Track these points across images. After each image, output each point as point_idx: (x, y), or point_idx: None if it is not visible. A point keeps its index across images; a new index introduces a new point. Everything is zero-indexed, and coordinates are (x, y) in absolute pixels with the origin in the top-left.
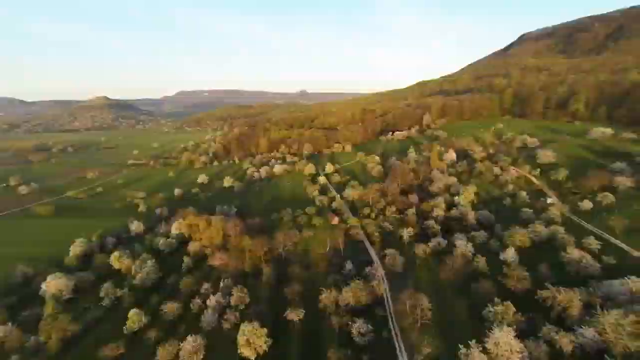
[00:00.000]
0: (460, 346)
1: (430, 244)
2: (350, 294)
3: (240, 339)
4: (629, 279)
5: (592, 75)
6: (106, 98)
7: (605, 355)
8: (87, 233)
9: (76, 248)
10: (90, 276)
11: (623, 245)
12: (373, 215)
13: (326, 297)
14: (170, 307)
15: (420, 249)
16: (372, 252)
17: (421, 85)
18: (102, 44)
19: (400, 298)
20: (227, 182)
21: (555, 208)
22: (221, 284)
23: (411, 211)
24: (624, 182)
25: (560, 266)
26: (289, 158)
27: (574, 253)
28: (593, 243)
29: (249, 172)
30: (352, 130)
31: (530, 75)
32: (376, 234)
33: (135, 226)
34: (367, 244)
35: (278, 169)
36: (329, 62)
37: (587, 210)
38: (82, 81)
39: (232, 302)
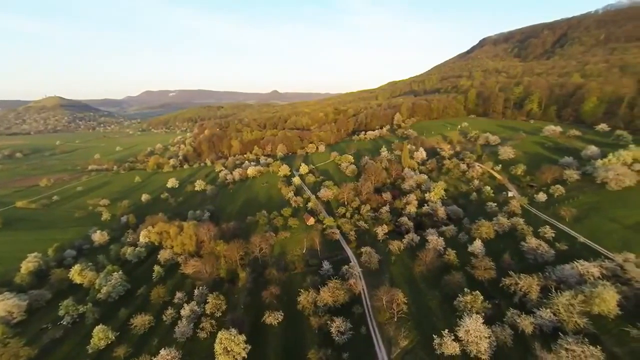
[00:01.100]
0: (435, 336)
1: (404, 240)
2: (329, 294)
3: (218, 348)
4: (577, 262)
5: (543, 78)
6: (60, 98)
7: (560, 333)
8: (42, 247)
9: (29, 264)
10: (46, 294)
11: (572, 232)
12: (348, 214)
13: (304, 298)
14: (141, 320)
15: (395, 246)
16: (349, 251)
17: (391, 85)
18: (55, 39)
19: (377, 294)
20: (199, 185)
21: (515, 201)
22: (196, 292)
23: (385, 209)
24: (572, 175)
25: (521, 254)
26: (262, 159)
27: (532, 242)
28: (548, 232)
29: (221, 174)
30: (326, 131)
31: (491, 76)
32: (352, 232)
33: (98, 236)
34: (344, 243)
35: (252, 170)
36: (301, 62)
37: (542, 202)
38: (30, 80)
39: (208, 310)
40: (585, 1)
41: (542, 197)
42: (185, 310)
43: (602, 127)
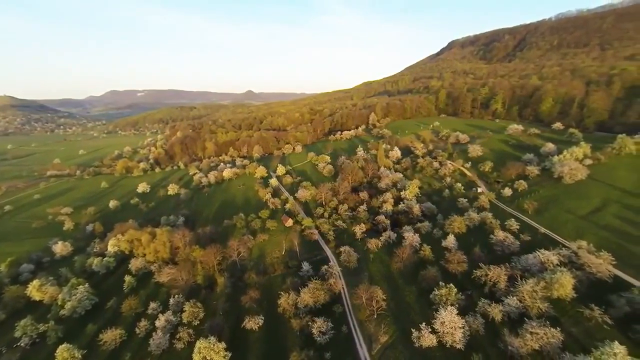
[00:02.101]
0: (413, 330)
1: (382, 238)
2: (309, 295)
3: (196, 358)
4: (539, 252)
5: (506, 80)
6: (12, 98)
7: (525, 318)
8: None
9: None
10: None
11: (534, 224)
12: (326, 214)
13: (285, 300)
14: (111, 335)
15: (373, 244)
16: (328, 251)
17: (366, 85)
18: (4, 34)
19: (357, 292)
20: (172, 189)
21: (484, 196)
22: (171, 301)
23: (362, 208)
24: (533, 170)
25: (490, 247)
26: (238, 161)
27: (499, 235)
28: (513, 224)
29: (196, 177)
30: (302, 131)
31: (459, 78)
32: (330, 232)
33: (60, 247)
34: (323, 243)
35: (227, 172)
36: (276, 61)
37: (508, 196)
38: None
39: (185, 319)
40: (541, 8)
41: (507, 192)
42: (160, 321)
43: (558, 125)
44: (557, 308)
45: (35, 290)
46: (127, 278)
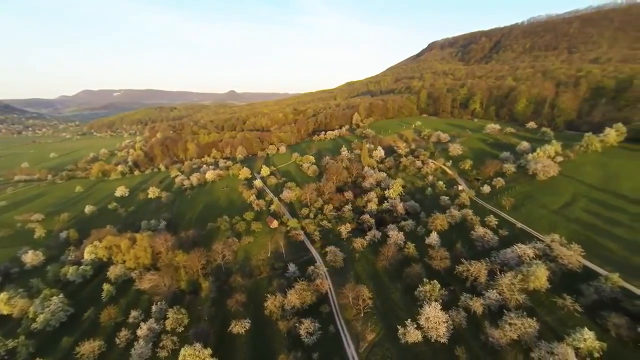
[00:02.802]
0: (399, 327)
1: (367, 237)
2: (296, 296)
3: None
4: (516, 246)
5: (484, 80)
6: None
7: (504, 310)
8: None
9: None
10: None
11: (511, 219)
12: (312, 214)
13: (271, 303)
14: (89, 347)
15: (358, 243)
16: (314, 251)
17: (349, 85)
18: None
19: (343, 292)
20: (153, 192)
21: (465, 193)
22: (153, 309)
23: (347, 208)
24: (510, 168)
25: (471, 242)
26: (221, 163)
27: (479, 231)
28: (492, 220)
29: (177, 180)
30: (286, 132)
31: (439, 78)
32: (316, 233)
33: (31, 257)
34: (308, 243)
35: (210, 174)
36: (259, 61)
37: (487, 193)
38: None
39: (168, 327)
40: (515, 12)
41: (486, 189)
42: (142, 330)
43: (531, 124)
44: (533, 299)
45: (2, 303)
46: (106, 286)
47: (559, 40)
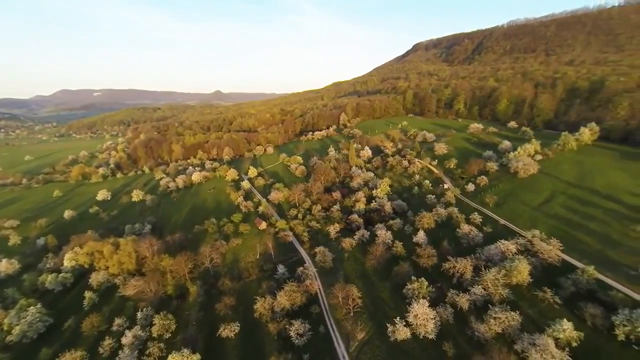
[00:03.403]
0: (388, 325)
1: (356, 237)
2: (285, 298)
3: None
4: (500, 242)
5: (467, 81)
6: None
7: (489, 305)
8: None
9: None
10: None
11: (495, 216)
12: (300, 215)
13: (261, 305)
14: (70, 358)
15: (347, 243)
16: (303, 252)
17: (336, 85)
18: None
19: (333, 292)
20: (137, 195)
21: (450, 192)
22: (139, 315)
23: (336, 208)
24: (492, 166)
25: (457, 240)
26: (208, 164)
27: (465, 228)
28: (476, 218)
29: (162, 182)
30: (273, 132)
31: (424, 79)
32: (305, 233)
33: (5, 265)
34: (297, 244)
35: (197, 176)
36: (245, 61)
37: (471, 191)
38: None
39: (155, 333)
40: (495, 14)
41: (471, 187)
42: (127, 338)
43: (512, 124)
44: (515, 293)
45: None
46: (88, 294)
47: (537, 42)
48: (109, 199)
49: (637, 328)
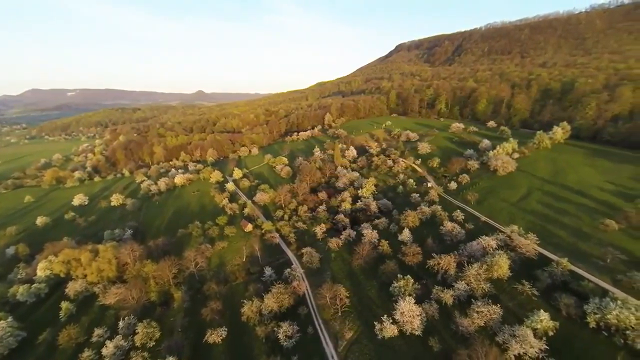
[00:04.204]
0: (375, 323)
1: (342, 237)
2: (273, 300)
3: None
4: (481, 238)
5: (448, 82)
6: None
7: (472, 299)
8: None
9: None
10: None
11: (476, 213)
12: (286, 216)
13: (248, 308)
14: None
15: (334, 243)
16: (290, 253)
17: (320, 85)
18: None
19: (321, 292)
20: (116, 200)
21: (434, 190)
22: (120, 324)
23: (322, 208)
24: (473, 165)
25: (441, 237)
26: (191, 166)
27: (448, 225)
28: (459, 215)
29: (144, 185)
30: (258, 133)
31: (407, 79)
32: (291, 234)
33: None
34: (284, 246)
35: (180, 179)
36: (229, 61)
37: (454, 189)
38: None
39: (138, 342)
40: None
41: (453, 185)
42: (108, 348)
43: (491, 123)
44: (496, 287)
45: None
46: (64, 304)
47: (513, 45)
48: (86, 203)
49: (606, 315)
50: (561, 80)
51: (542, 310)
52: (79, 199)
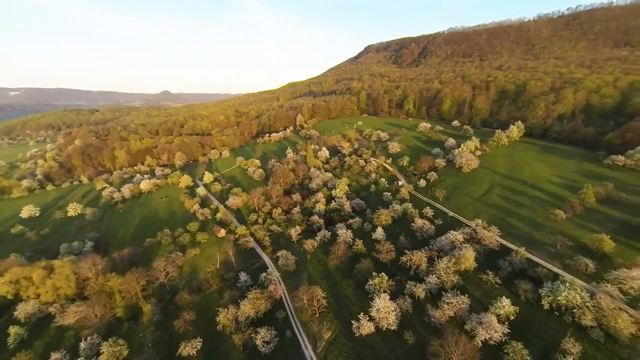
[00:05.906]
0: (353, 321)
1: (317, 238)
2: (249, 306)
3: None
4: (449, 233)
5: (415, 83)
6: None
7: (443, 292)
8: None
9: None
10: None
11: (444, 209)
12: (261, 220)
13: (224, 316)
14: None
15: (309, 244)
16: (265, 257)
17: (291, 86)
18: None
19: (298, 295)
20: (73, 209)
21: (404, 188)
22: (82, 345)
23: (296, 210)
24: (440, 163)
25: (412, 234)
26: (158, 171)
27: (419, 222)
28: (429, 211)
29: (105, 192)
30: (228, 135)
31: (377, 80)
32: (266, 238)
33: None
34: (259, 249)
35: (146, 184)
36: (196, 60)
37: (423, 187)
38: None
39: None
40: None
41: (422, 183)
42: None
43: (456, 123)
44: (464, 278)
45: None
46: (13, 329)
47: (473, 48)
48: (37, 215)
49: (557, 297)
50: (515, 83)
51: (504, 297)
52: (28, 211)
